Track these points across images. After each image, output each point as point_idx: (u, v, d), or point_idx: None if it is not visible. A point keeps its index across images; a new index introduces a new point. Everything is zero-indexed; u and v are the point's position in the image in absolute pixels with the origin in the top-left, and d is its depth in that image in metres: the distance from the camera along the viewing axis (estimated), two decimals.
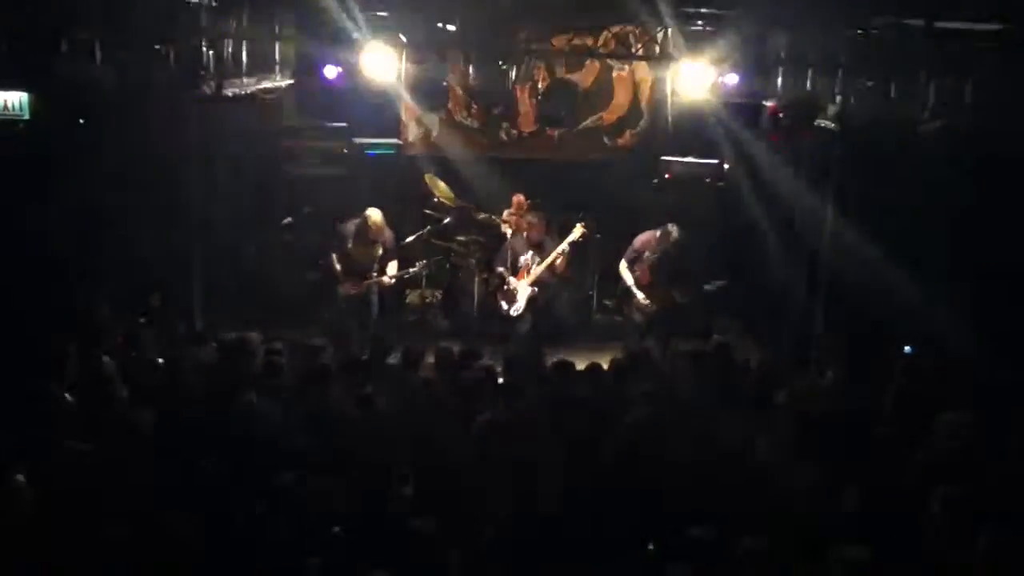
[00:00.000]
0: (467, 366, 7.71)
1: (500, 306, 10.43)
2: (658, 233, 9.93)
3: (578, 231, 10.22)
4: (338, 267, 10.07)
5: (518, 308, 10.25)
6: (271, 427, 6.39)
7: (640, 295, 9.95)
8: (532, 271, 10.24)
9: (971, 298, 8.69)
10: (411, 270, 10.56)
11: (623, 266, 10.09)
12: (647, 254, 9.94)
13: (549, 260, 10.20)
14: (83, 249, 9.31)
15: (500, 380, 7.55)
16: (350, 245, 9.99)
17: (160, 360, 7.70)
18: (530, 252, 10.28)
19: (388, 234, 10.06)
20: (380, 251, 10.06)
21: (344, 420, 6.59)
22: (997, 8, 8.50)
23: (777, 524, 5.05)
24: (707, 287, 10.18)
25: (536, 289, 10.22)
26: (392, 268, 10.15)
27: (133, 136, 9.38)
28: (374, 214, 9.93)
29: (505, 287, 10.34)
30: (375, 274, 10.08)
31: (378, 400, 6.80)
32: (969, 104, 8.70)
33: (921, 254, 9.03)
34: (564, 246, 10.20)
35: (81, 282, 9.20)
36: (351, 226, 9.98)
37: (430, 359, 8.06)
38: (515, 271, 10.32)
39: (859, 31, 9.39)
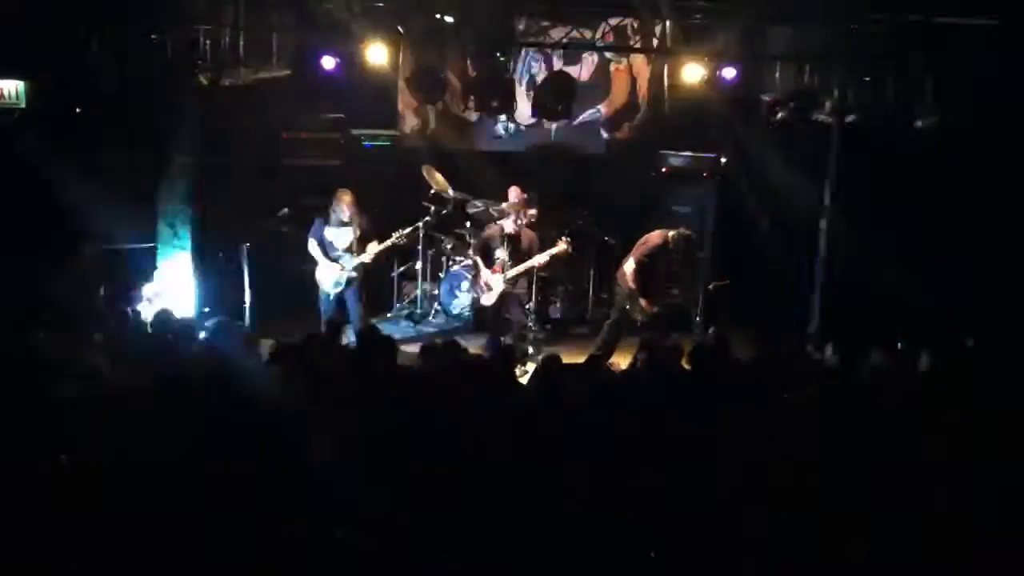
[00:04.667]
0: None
1: (472, 293, 10.41)
2: (671, 235, 9.72)
3: (560, 246, 10.05)
4: (319, 256, 10.06)
5: (490, 299, 10.17)
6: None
7: (643, 301, 9.82)
8: (506, 269, 10.08)
9: (971, 292, 8.71)
10: (388, 242, 10.28)
11: (631, 266, 9.83)
12: (671, 255, 9.74)
13: (526, 265, 10.06)
14: (78, 238, 9.30)
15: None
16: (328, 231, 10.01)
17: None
18: (505, 247, 10.11)
19: (361, 214, 10.04)
20: (358, 233, 10.01)
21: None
22: (994, 4, 8.52)
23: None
24: (711, 287, 10.17)
25: (510, 287, 10.11)
26: (372, 248, 10.09)
27: (130, 125, 9.37)
28: (344, 194, 9.92)
29: (478, 276, 10.29)
30: (355, 255, 10.03)
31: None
32: (967, 100, 8.71)
33: (919, 248, 9.05)
34: (544, 258, 9.99)
35: (76, 272, 9.19)
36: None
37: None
38: (488, 263, 10.22)
39: (857, 25, 9.38)
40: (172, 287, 9.98)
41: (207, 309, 10.08)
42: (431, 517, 4.96)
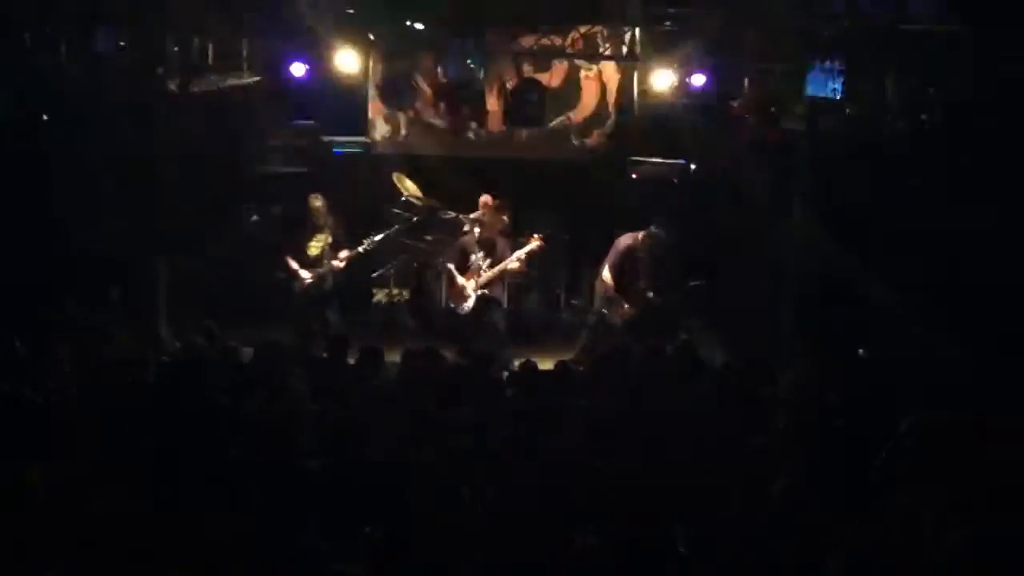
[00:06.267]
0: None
1: (447, 302, 10.41)
2: (640, 235, 9.96)
3: (534, 243, 10.16)
4: (293, 264, 10.04)
5: (466, 308, 10.16)
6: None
7: (625, 304, 9.96)
8: (482, 274, 10.12)
9: (937, 299, 8.76)
10: (360, 248, 10.32)
11: (606, 273, 10.03)
12: (640, 255, 9.95)
13: (500, 267, 10.11)
14: (47, 243, 9.22)
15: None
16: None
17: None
18: (480, 252, 10.17)
19: (333, 220, 10.06)
20: (330, 239, 10.03)
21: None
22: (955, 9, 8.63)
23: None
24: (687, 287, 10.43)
25: (486, 292, 10.13)
26: (343, 255, 10.10)
27: (98, 132, 9.30)
28: (315, 199, 9.96)
29: (453, 285, 10.28)
30: (326, 261, 10.04)
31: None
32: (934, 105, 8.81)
33: (887, 254, 9.12)
34: (520, 255, 10.12)
35: (45, 277, 9.10)
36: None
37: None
38: (463, 270, 10.23)
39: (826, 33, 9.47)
40: None
41: None
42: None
